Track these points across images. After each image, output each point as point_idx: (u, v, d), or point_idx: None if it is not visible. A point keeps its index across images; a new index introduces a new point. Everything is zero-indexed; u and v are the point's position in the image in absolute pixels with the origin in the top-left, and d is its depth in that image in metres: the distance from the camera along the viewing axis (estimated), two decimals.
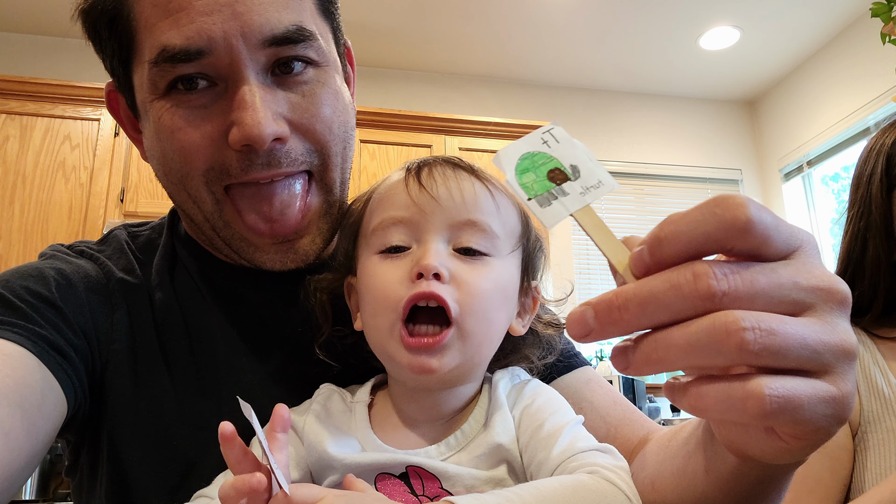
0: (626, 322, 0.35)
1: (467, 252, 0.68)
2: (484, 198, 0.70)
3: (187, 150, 0.71)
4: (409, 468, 0.64)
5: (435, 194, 0.68)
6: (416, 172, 0.71)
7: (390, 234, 0.69)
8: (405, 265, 0.67)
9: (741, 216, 0.35)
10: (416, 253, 0.67)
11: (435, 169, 0.71)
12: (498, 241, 0.69)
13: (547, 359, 0.79)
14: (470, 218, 0.68)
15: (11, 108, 3.21)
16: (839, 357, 0.36)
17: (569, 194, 0.41)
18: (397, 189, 0.71)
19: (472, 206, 0.68)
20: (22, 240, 3.06)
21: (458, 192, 0.69)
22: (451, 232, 0.68)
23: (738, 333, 0.33)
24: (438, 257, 0.65)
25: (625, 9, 3.75)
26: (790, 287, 0.36)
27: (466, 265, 0.67)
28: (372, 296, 0.68)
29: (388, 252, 0.69)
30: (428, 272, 0.64)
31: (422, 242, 0.67)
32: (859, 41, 3.84)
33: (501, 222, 0.70)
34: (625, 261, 0.38)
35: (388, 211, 0.70)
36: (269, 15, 0.69)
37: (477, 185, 0.70)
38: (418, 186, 0.69)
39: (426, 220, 0.68)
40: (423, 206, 0.68)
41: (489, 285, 0.67)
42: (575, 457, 0.61)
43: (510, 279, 0.71)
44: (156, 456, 0.74)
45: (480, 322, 0.66)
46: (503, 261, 0.69)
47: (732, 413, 0.34)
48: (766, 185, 4.64)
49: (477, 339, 0.66)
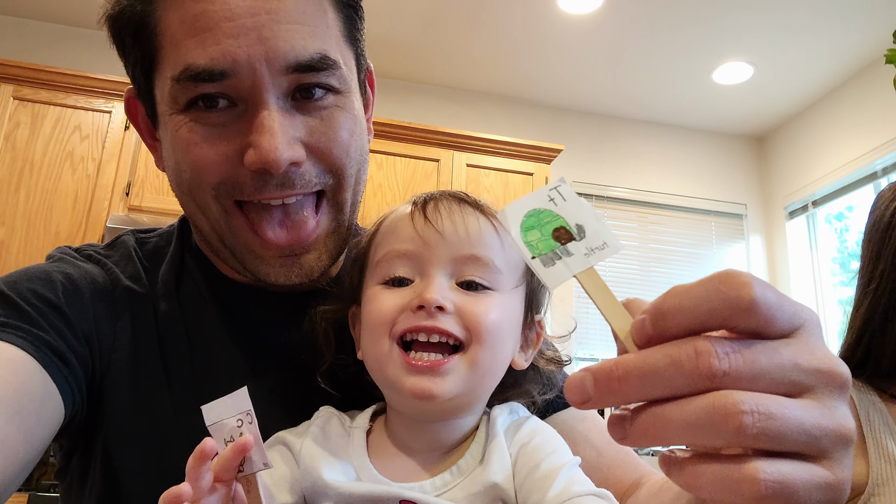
0: (624, 393, 0.35)
1: (470, 286, 0.68)
2: (488, 233, 0.70)
3: (200, 165, 0.72)
4: (403, 502, 0.64)
5: (440, 228, 0.69)
6: (422, 206, 0.72)
7: (394, 266, 0.70)
8: (407, 296, 0.67)
9: (745, 296, 0.35)
10: (418, 286, 0.68)
11: (441, 203, 0.72)
12: (501, 277, 0.70)
13: (547, 395, 0.79)
14: (474, 253, 0.69)
15: (24, 95, 3.21)
16: (836, 442, 0.35)
17: (573, 255, 0.41)
18: (403, 222, 0.72)
19: (476, 241, 0.69)
20: (25, 227, 3.06)
21: (463, 227, 0.70)
22: (454, 266, 0.69)
23: (737, 417, 0.33)
24: (441, 290, 0.66)
25: (640, 37, 3.76)
26: (791, 368, 0.35)
27: (470, 298, 0.68)
28: (371, 321, 0.68)
29: (391, 283, 0.69)
30: (430, 305, 0.65)
31: (425, 276, 0.68)
32: (872, 86, 3.84)
33: (505, 258, 0.71)
34: (626, 328, 0.38)
35: (393, 244, 0.71)
36: (295, 42, 0.70)
37: (482, 220, 0.71)
38: (423, 220, 0.70)
39: (430, 254, 0.68)
40: (427, 240, 0.69)
41: (495, 315, 0.68)
42: (571, 501, 0.61)
43: (513, 312, 0.71)
44: (149, 466, 0.74)
45: (486, 351, 0.67)
46: (506, 295, 0.70)
47: (727, 495, 0.34)
48: (769, 221, 4.64)
49: (482, 370, 0.67)
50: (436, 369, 0.64)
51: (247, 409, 0.56)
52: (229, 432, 0.56)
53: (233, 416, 0.56)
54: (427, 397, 0.64)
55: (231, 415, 0.57)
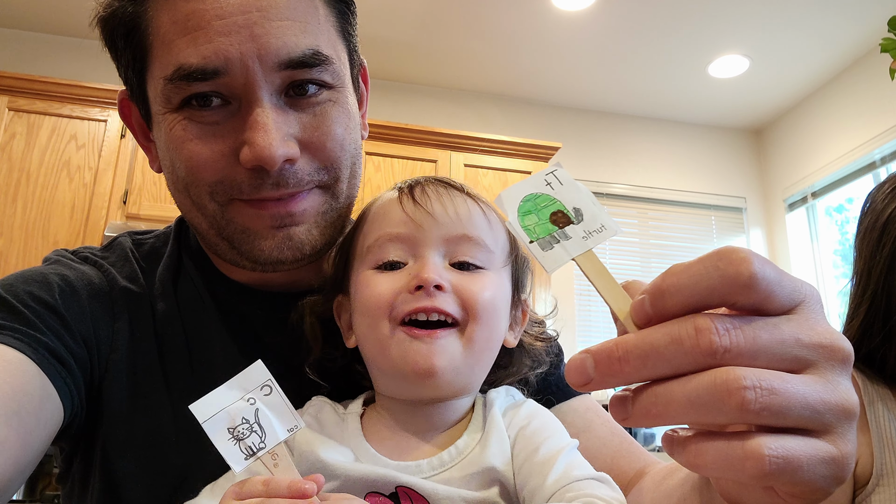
0: (626, 374, 0.35)
1: (463, 266, 0.70)
2: (477, 214, 0.72)
3: (195, 163, 0.72)
4: (399, 488, 0.64)
5: (430, 210, 0.70)
6: (409, 191, 0.73)
7: (386, 250, 0.70)
8: (402, 278, 0.68)
9: (745, 272, 0.34)
10: (413, 267, 0.68)
11: (427, 187, 0.73)
12: (493, 256, 0.72)
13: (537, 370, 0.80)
14: (466, 233, 0.70)
15: (19, 106, 3.21)
16: (840, 417, 0.35)
17: (571, 238, 0.41)
18: (391, 207, 0.73)
19: (466, 222, 0.71)
20: (23, 237, 3.06)
21: (453, 209, 0.71)
22: (447, 246, 0.70)
23: (740, 392, 0.33)
24: (437, 270, 0.67)
25: (635, 32, 3.76)
26: (792, 344, 0.35)
27: (465, 276, 0.69)
28: (368, 306, 0.68)
29: (384, 267, 0.70)
30: (428, 284, 0.65)
31: (419, 257, 0.69)
32: (868, 75, 3.85)
33: (494, 238, 0.72)
34: (626, 309, 0.38)
35: (384, 228, 0.71)
36: (287, 38, 0.69)
37: (469, 202, 0.73)
38: (413, 203, 0.71)
39: (423, 235, 0.69)
40: (419, 222, 0.70)
41: (489, 294, 0.69)
42: (570, 486, 0.61)
43: (504, 291, 0.73)
44: (149, 468, 0.73)
45: (483, 328, 0.68)
46: (498, 273, 0.72)
47: (731, 472, 0.34)
48: (769, 214, 4.64)
49: (479, 345, 0.68)
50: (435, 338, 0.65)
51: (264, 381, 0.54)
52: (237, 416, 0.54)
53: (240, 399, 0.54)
54: (429, 374, 0.64)
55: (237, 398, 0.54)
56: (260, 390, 0.54)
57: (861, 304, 1.19)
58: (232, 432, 0.53)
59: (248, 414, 0.54)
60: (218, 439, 0.53)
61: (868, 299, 1.17)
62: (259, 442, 0.53)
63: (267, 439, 0.53)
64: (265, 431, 0.54)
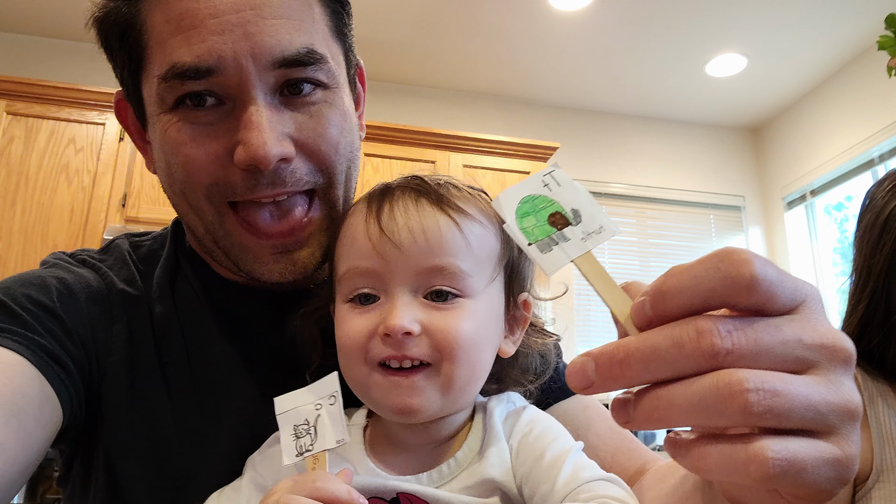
0: (627, 377, 0.35)
1: (439, 295, 0.65)
2: (451, 236, 0.65)
3: (191, 165, 0.71)
4: (401, 494, 0.64)
5: (397, 241, 0.64)
6: (376, 211, 0.68)
7: (356, 283, 0.67)
8: (374, 319, 0.65)
9: (746, 273, 0.34)
10: (384, 306, 0.65)
11: (396, 206, 0.67)
12: (470, 280, 0.66)
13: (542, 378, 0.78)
14: (437, 263, 0.65)
15: (17, 110, 3.21)
16: (843, 418, 0.35)
17: (570, 240, 0.41)
18: (358, 230, 0.68)
19: (437, 249, 0.65)
20: (22, 241, 3.06)
21: (422, 235, 0.65)
22: (418, 280, 0.65)
23: (742, 395, 0.32)
24: (406, 315, 0.63)
25: (632, 32, 3.76)
26: (794, 344, 0.35)
27: (439, 312, 0.64)
28: (344, 347, 0.67)
29: (357, 301, 0.67)
30: (395, 333, 0.62)
31: (389, 295, 0.65)
32: (865, 73, 3.85)
33: (474, 257, 0.67)
34: (626, 311, 0.38)
35: (353, 259, 0.68)
36: (281, 37, 0.69)
37: (442, 220, 0.66)
38: (379, 232, 0.66)
39: (390, 272, 0.65)
40: (385, 256, 0.65)
41: (467, 328, 0.64)
42: (582, 487, 0.60)
43: (490, 312, 0.68)
44: (150, 470, 0.73)
45: (461, 367, 0.64)
46: (478, 298, 0.67)
47: (735, 475, 0.34)
48: (768, 212, 4.63)
49: (460, 384, 0.65)
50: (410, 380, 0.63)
51: (333, 391, 0.62)
52: (303, 416, 0.61)
53: (311, 403, 0.62)
54: (409, 412, 0.64)
55: (310, 401, 0.62)
56: (328, 399, 0.61)
57: (860, 302, 1.18)
58: (295, 429, 0.61)
59: (311, 417, 0.61)
60: (284, 432, 0.61)
61: (867, 296, 1.17)
62: (309, 444, 0.60)
63: (316, 444, 0.60)
64: (318, 436, 0.60)
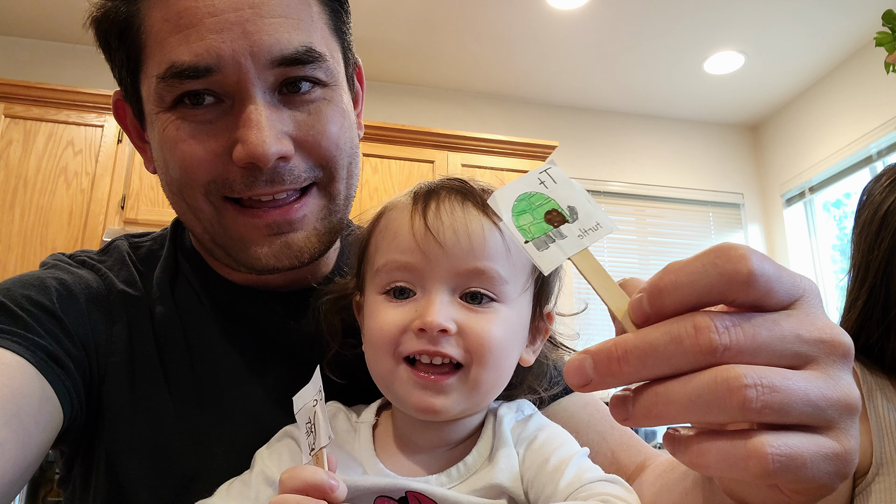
0: (625, 374, 0.35)
1: (474, 297, 0.66)
2: (493, 240, 0.66)
3: (189, 163, 0.71)
4: (409, 493, 0.64)
5: (441, 240, 0.65)
6: (423, 209, 0.68)
7: (394, 277, 0.67)
8: (408, 314, 0.65)
9: (743, 269, 0.34)
10: (420, 302, 0.65)
11: (443, 205, 0.68)
12: (507, 287, 0.67)
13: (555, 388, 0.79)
14: (477, 266, 0.65)
15: (16, 113, 3.21)
16: (842, 412, 0.35)
17: (566, 237, 0.40)
18: (402, 225, 0.68)
19: (479, 252, 0.65)
20: (21, 244, 3.05)
21: (466, 236, 0.65)
22: (457, 280, 0.66)
23: (741, 391, 0.32)
24: (443, 312, 0.64)
25: (630, 30, 3.76)
26: (792, 340, 0.35)
27: (474, 314, 0.65)
28: (374, 339, 0.67)
29: (393, 294, 0.67)
30: (431, 329, 0.63)
31: (426, 291, 0.66)
32: (863, 70, 3.85)
33: (511, 263, 0.67)
34: (623, 307, 0.38)
35: (393, 253, 0.68)
36: (279, 35, 0.69)
37: (486, 224, 0.67)
38: (424, 227, 0.66)
39: (431, 269, 0.65)
40: (428, 253, 0.65)
41: (499, 333, 0.65)
42: (584, 487, 0.61)
43: (520, 320, 0.69)
44: (153, 470, 0.73)
45: (490, 371, 0.65)
46: (511, 305, 0.68)
47: (734, 471, 0.34)
48: (767, 209, 4.64)
49: (486, 388, 0.66)
50: (439, 384, 0.64)
51: (320, 387, 0.62)
52: (307, 414, 0.62)
53: (311, 399, 0.62)
54: (431, 412, 0.64)
55: (311, 397, 0.62)
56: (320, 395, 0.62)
57: (859, 298, 1.18)
58: (306, 427, 0.62)
59: (312, 415, 0.62)
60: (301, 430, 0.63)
61: (866, 292, 1.17)
62: (313, 442, 0.60)
63: (317, 442, 0.60)
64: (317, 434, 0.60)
